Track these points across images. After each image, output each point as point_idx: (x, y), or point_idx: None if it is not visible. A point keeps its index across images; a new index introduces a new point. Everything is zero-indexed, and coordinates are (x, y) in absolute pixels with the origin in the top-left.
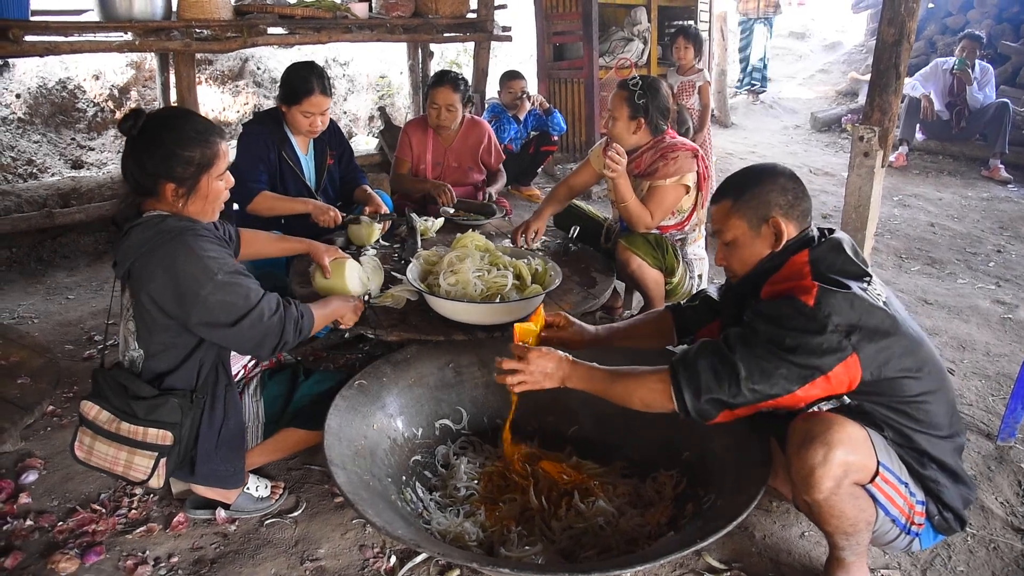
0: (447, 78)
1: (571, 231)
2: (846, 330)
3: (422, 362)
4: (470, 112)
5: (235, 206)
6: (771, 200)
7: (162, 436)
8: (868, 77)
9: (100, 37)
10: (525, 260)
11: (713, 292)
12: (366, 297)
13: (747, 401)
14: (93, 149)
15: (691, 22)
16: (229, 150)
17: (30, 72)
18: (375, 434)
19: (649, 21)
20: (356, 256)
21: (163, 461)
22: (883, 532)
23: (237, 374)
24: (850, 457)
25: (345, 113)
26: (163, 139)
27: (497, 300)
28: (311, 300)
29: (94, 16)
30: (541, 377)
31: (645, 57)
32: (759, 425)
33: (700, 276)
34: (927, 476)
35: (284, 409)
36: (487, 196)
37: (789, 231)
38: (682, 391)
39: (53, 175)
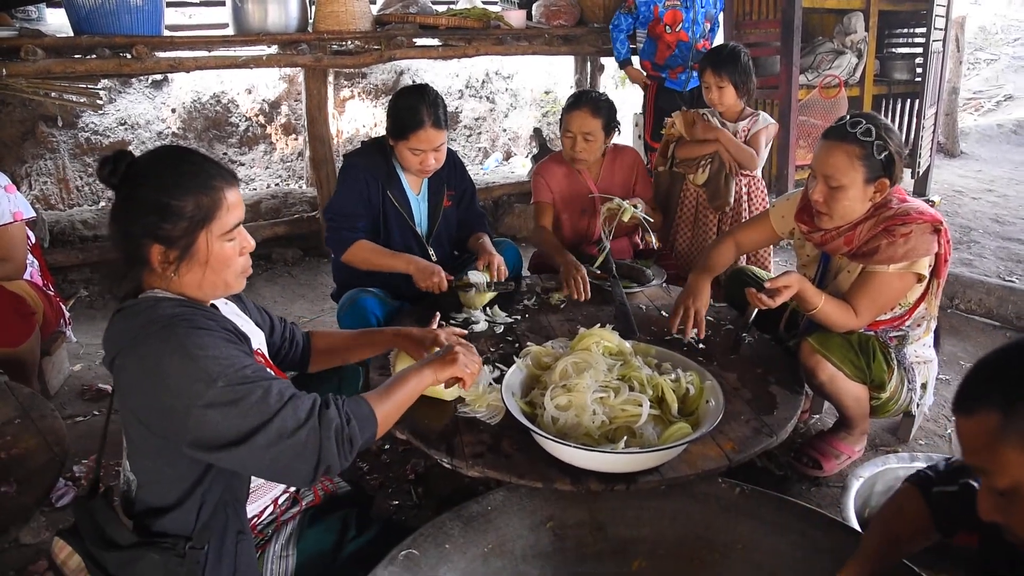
0: (585, 99)
1: (747, 313)
2: None
3: (508, 517)
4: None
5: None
6: None
7: None
8: None
9: (227, 52)
10: (673, 375)
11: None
12: (439, 323)
13: None
14: (244, 164)
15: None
16: (242, 201)
17: (185, 87)
18: None
19: (867, 30)
20: (465, 325)
21: None
22: None
23: (263, 512)
24: None
25: (504, 131)
26: (146, 187)
27: (622, 441)
28: None
29: (230, 31)
30: None
31: (858, 74)
32: None
33: (924, 386)
34: None
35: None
36: (643, 243)
37: None
38: None
39: None
